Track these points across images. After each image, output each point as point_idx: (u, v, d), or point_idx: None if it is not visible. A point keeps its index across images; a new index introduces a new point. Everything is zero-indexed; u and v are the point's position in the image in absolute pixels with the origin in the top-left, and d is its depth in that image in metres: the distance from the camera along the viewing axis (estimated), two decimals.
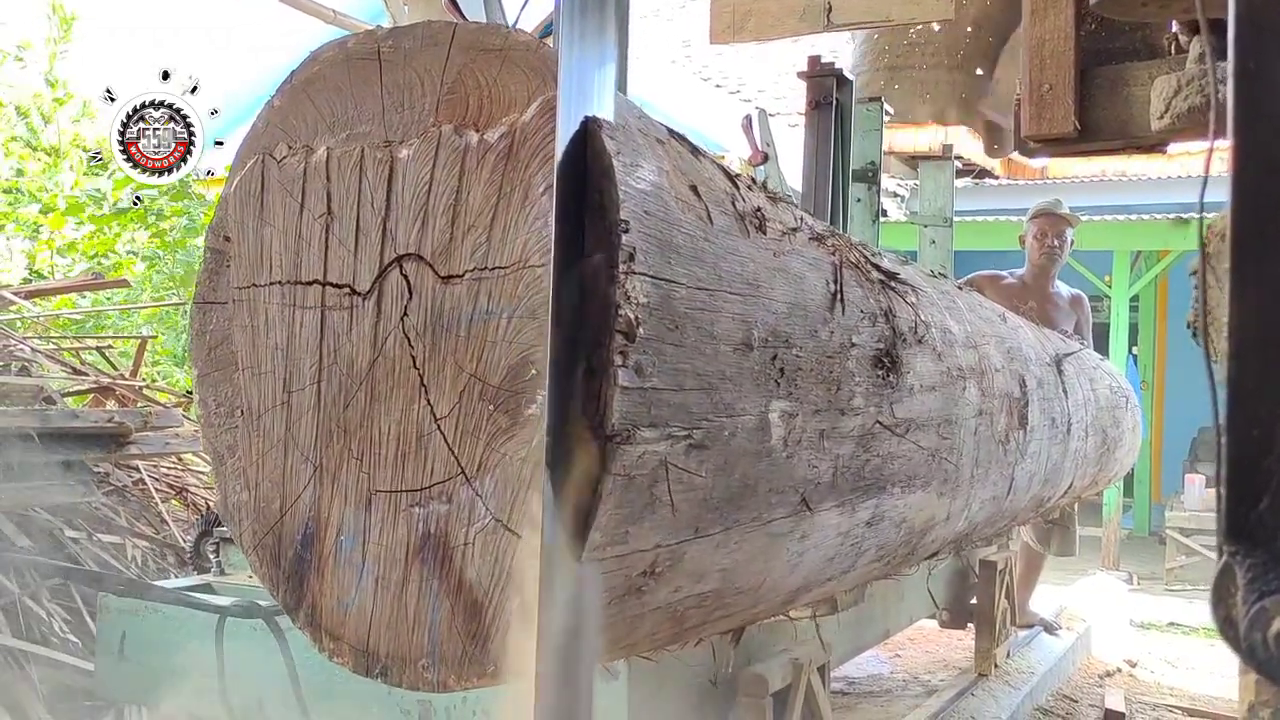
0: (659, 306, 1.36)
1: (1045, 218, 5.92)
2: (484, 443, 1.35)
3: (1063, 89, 2.62)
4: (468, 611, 1.36)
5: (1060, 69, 2.62)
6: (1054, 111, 2.64)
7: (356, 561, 1.43)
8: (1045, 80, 2.65)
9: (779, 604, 2.03)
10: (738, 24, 4.93)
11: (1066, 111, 2.62)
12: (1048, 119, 2.65)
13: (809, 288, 1.85)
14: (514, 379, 1.34)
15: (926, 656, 5.53)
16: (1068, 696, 5.56)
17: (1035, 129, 2.66)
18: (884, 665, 5.45)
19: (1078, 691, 5.71)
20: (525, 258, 1.33)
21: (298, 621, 1.48)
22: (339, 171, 1.45)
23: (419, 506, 1.39)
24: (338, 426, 1.45)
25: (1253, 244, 0.89)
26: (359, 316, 1.44)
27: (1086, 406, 4.14)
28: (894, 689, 5.03)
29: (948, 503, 2.60)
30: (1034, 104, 2.66)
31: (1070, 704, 5.45)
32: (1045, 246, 5.87)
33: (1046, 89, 2.64)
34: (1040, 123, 2.66)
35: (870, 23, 4.94)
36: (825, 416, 1.86)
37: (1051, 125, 2.65)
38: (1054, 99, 2.63)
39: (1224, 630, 0.90)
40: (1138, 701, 5.56)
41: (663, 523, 1.43)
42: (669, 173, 1.48)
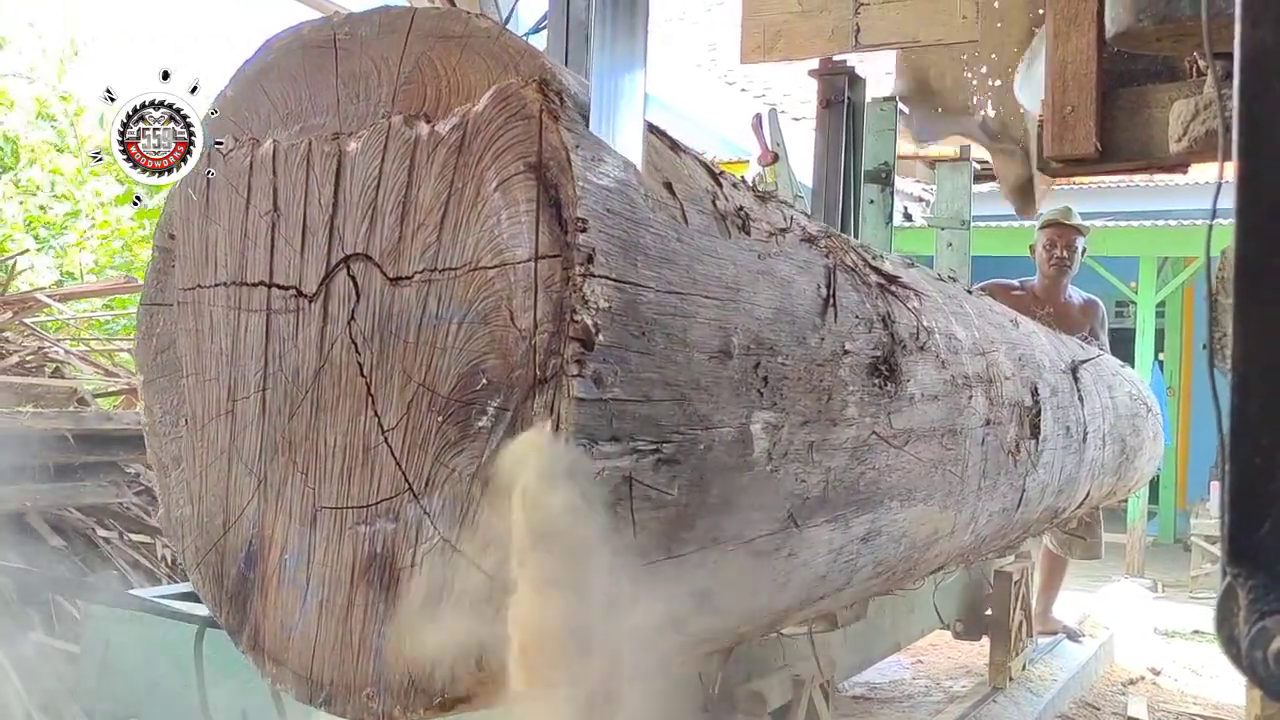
0: (623, 311, 1.27)
1: (1054, 228, 5.73)
2: (432, 457, 1.26)
3: (1084, 110, 2.66)
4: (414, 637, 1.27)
5: (1082, 91, 2.67)
6: (1076, 133, 2.68)
7: (301, 582, 1.34)
8: (1067, 102, 2.68)
9: (767, 624, 1.94)
10: (768, 44, 4.97)
11: (1088, 133, 2.66)
12: (1069, 140, 2.69)
13: (797, 292, 1.75)
14: (464, 389, 1.24)
15: (949, 662, 5.44)
16: (1090, 704, 5.44)
17: (1057, 150, 2.69)
18: (905, 670, 5.37)
19: (1100, 699, 5.58)
20: (477, 259, 1.24)
21: (240, 645, 1.40)
22: (285, 166, 1.37)
23: (365, 525, 1.30)
24: (283, 438, 1.36)
25: (1256, 278, 0.93)
26: (305, 320, 1.35)
27: (1104, 414, 4.01)
28: (915, 694, 4.98)
29: (952, 516, 2.49)
30: (1056, 125, 2.69)
31: (1093, 711, 5.34)
32: (1054, 258, 5.68)
33: (1069, 110, 2.68)
34: (1062, 143, 2.69)
35: (898, 43, 4.97)
36: (815, 428, 1.76)
37: (1073, 146, 2.68)
38: (1076, 120, 2.67)
39: (1227, 649, 0.94)
40: (1161, 709, 5.44)
41: (629, 543, 1.34)
42: (637, 169, 1.39)
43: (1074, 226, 5.70)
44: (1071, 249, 5.68)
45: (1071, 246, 5.69)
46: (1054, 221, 5.74)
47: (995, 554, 4.03)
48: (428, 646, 1.26)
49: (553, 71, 1.27)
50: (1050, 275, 5.69)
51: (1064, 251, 5.67)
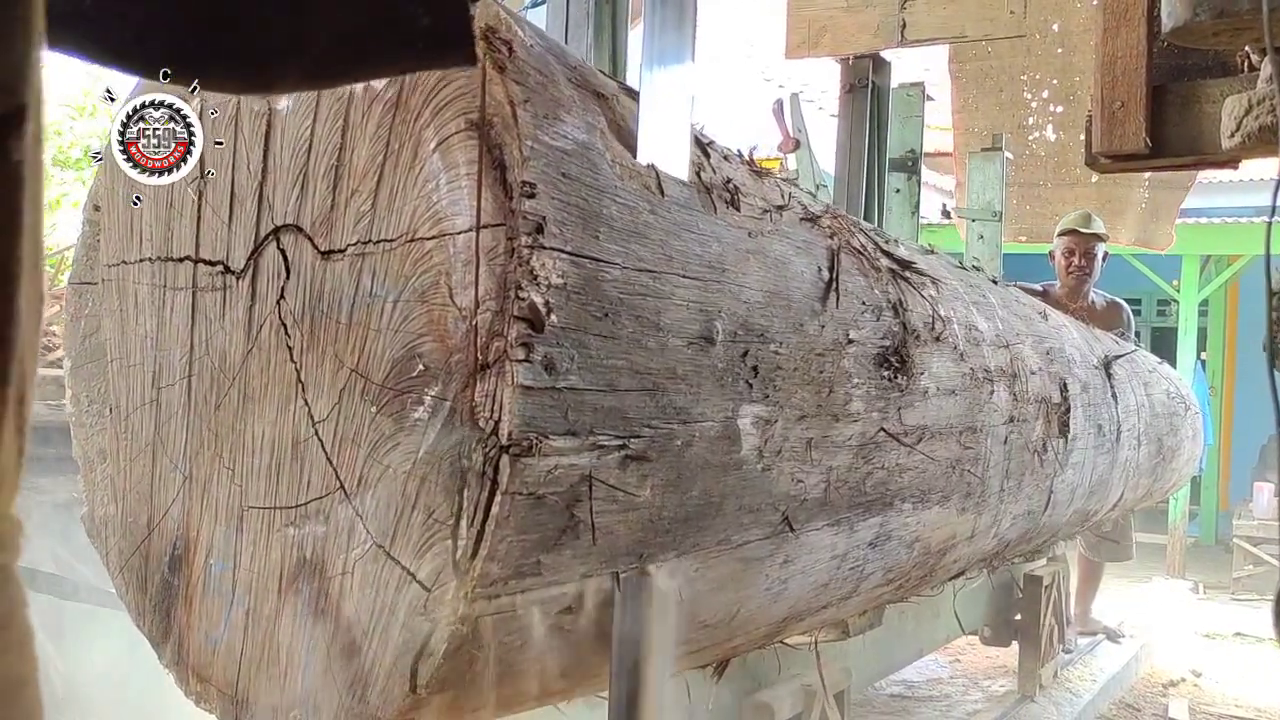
0: (582, 289, 1.13)
1: (1072, 235, 5.47)
2: (365, 452, 1.12)
3: (1134, 106, 2.63)
4: (345, 653, 1.13)
5: (1132, 86, 2.64)
6: (1125, 128, 2.63)
7: (226, 590, 1.21)
8: (1117, 97, 2.65)
9: (762, 635, 1.79)
10: (813, 39, 4.95)
11: (1138, 128, 2.62)
12: (1119, 136, 2.64)
13: (794, 274, 1.60)
14: (399, 376, 1.10)
15: (987, 661, 5.34)
16: (1130, 705, 5.34)
17: (1107, 145, 2.63)
18: (943, 669, 5.32)
19: (1141, 700, 5.47)
20: (413, 229, 1.10)
21: (164, 659, 1.26)
22: (212, 128, 1.23)
23: (294, 527, 1.17)
24: (209, 430, 1.23)
25: None
26: (232, 299, 1.21)
27: (1139, 412, 3.83)
28: (953, 694, 4.94)
29: (972, 519, 2.33)
30: (1105, 120, 2.65)
31: (1133, 713, 5.24)
32: (1073, 266, 5.43)
33: (1118, 106, 2.65)
34: (1111, 139, 2.64)
35: (944, 38, 4.92)
36: (814, 423, 1.61)
37: (1123, 142, 2.63)
38: (1125, 116, 2.64)
39: None
40: (1202, 711, 5.31)
41: (589, 549, 1.19)
42: (604, 132, 1.25)
43: (1094, 234, 5.46)
44: (1091, 257, 5.44)
45: (1091, 254, 5.44)
46: (1072, 229, 5.50)
47: (1022, 559, 3.85)
48: (360, 663, 1.12)
49: (502, 19, 1.13)
50: (1070, 286, 5.46)
51: (1083, 260, 5.43)
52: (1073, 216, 5.59)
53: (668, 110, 1.33)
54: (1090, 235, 5.43)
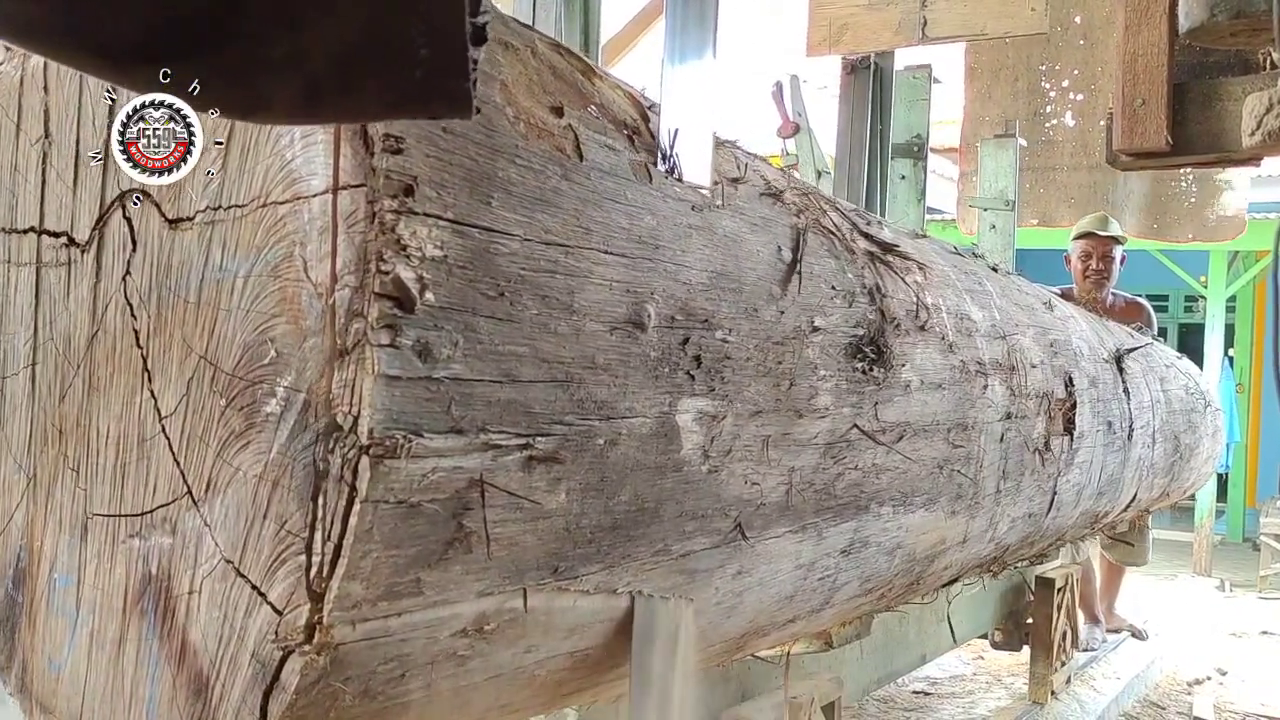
0: (469, 264, 0.97)
1: (1089, 239, 5.26)
2: (214, 451, 0.96)
3: (1156, 104, 2.65)
4: (191, 686, 0.97)
5: (1153, 84, 2.66)
6: (1146, 126, 2.67)
7: (70, 609, 1.06)
8: (1138, 95, 2.68)
9: (717, 653, 1.62)
10: (834, 36, 4.91)
11: (1159, 126, 2.65)
12: (1140, 133, 2.68)
13: (747, 254, 1.43)
14: (250, 363, 0.95)
15: (1010, 658, 5.22)
16: (1155, 703, 5.25)
17: (1128, 143, 2.68)
18: (966, 666, 5.29)
19: (1165, 698, 5.38)
20: (266, 192, 0.94)
21: (8, 686, 1.11)
22: (58, 80, 1.08)
23: (139, 538, 1.01)
24: (53, 424, 1.08)
25: None
26: (77, 276, 1.06)
27: (1154, 409, 3.64)
28: (976, 690, 4.92)
29: (963, 523, 2.16)
30: (1126, 118, 2.68)
31: (1158, 711, 5.15)
32: (1090, 270, 5.22)
33: (1139, 103, 2.67)
34: (1133, 137, 2.68)
35: (965, 35, 4.88)
36: (771, 419, 1.45)
37: (1144, 140, 2.67)
38: (1147, 114, 2.66)
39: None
40: (1227, 710, 5.20)
41: (485, 564, 1.03)
42: (510, 87, 1.08)
43: (1111, 237, 5.26)
44: (1108, 260, 5.23)
45: (1108, 258, 5.24)
46: (1089, 232, 5.29)
47: (1026, 563, 3.67)
48: (209, 698, 0.96)
49: None
50: (1087, 290, 5.25)
51: (1100, 263, 5.22)
52: (1089, 219, 5.39)
53: (689, 110, 1.29)
54: (1108, 238, 5.23)
